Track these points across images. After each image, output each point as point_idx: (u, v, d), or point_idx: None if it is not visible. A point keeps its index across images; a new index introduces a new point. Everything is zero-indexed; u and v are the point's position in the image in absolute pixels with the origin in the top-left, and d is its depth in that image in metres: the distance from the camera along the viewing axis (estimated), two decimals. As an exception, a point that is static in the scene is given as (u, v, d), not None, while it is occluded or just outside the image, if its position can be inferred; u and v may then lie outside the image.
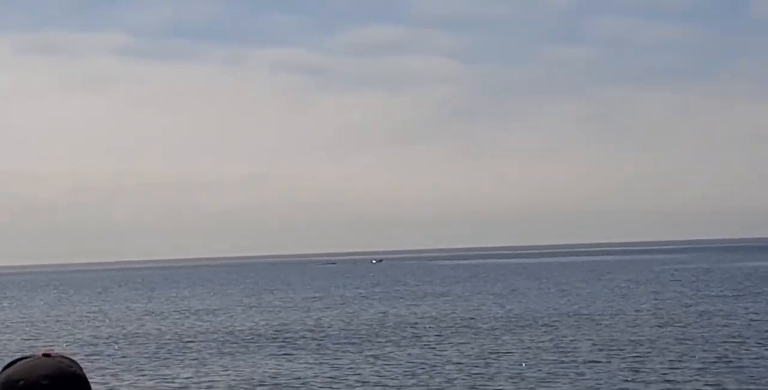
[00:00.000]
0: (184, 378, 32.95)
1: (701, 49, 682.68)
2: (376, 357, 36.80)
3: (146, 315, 66.89)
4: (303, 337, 45.89)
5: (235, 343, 44.16)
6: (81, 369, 3.65)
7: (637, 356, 34.74)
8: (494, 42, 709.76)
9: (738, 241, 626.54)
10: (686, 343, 38.05)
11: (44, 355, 3.56)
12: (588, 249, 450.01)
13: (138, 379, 33.42)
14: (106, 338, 49.23)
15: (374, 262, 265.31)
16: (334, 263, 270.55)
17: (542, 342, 39.96)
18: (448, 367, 33.38)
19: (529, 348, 38.00)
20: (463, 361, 34.79)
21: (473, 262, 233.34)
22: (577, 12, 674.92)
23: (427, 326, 49.21)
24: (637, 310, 54.89)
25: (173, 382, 32.52)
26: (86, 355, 41.25)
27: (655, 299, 63.81)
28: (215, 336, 49.30)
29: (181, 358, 39.14)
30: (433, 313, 57.55)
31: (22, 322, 64.12)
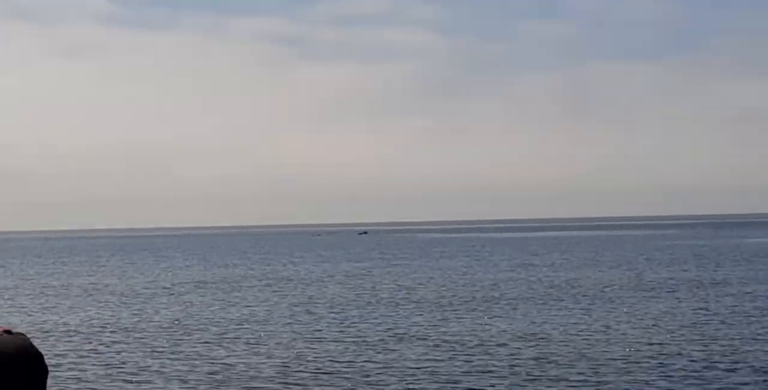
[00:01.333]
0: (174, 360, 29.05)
1: (681, 24, 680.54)
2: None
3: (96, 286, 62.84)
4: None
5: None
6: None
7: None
8: (474, 16, 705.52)
9: (721, 217, 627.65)
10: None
11: (5, 331, 3.24)
12: (569, 224, 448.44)
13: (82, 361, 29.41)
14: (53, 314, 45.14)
15: (359, 234, 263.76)
16: (319, 235, 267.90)
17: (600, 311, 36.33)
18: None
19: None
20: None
21: (463, 235, 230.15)
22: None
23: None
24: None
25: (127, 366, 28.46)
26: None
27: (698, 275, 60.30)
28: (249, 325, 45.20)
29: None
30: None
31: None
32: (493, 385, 24.23)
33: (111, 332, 37.03)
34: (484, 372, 26.30)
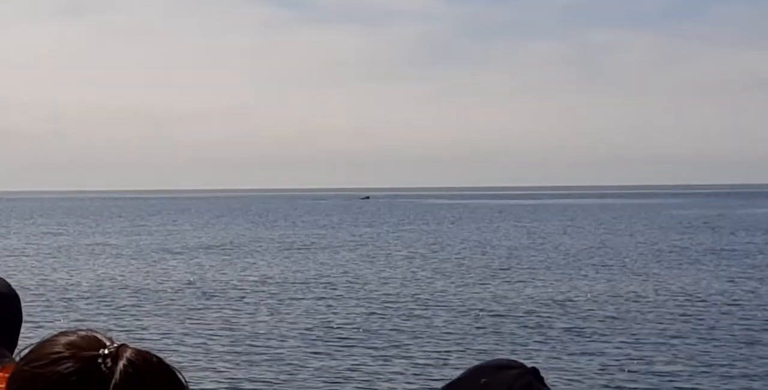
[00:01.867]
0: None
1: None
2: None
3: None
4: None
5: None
6: None
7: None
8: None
9: (723, 187, 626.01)
10: None
11: None
12: (570, 192, 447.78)
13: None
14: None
15: (362, 199, 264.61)
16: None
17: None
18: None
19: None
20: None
21: (465, 201, 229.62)
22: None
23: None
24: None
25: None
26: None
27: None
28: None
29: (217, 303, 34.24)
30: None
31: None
32: (527, 351, 23.30)
33: (128, 294, 36.08)
34: (511, 341, 25.39)
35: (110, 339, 2.35)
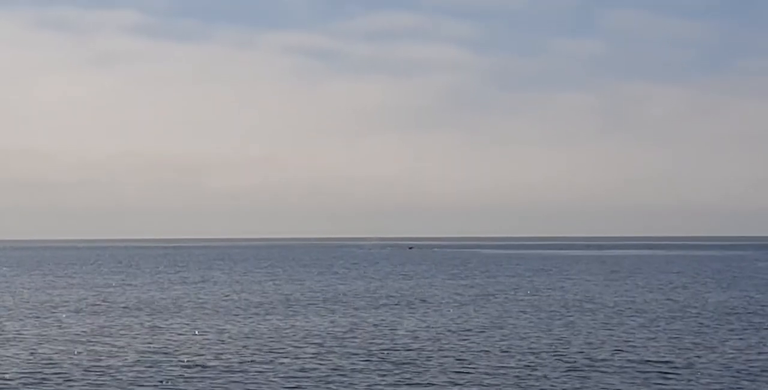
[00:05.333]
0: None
1: (712, 45, 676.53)
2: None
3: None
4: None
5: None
6: None
7: None
8: (504, 32, 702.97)
9: (754, 239, 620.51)
10: None
11: None
12: (613, 243, 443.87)
13: None
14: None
15: (409, 248, 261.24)
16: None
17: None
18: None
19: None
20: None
21: (516, 251, 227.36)
22: (588, 5, 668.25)
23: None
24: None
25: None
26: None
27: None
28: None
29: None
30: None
31: None
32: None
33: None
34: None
35: None
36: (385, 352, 34.18)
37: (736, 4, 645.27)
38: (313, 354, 33.83)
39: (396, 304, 56.38)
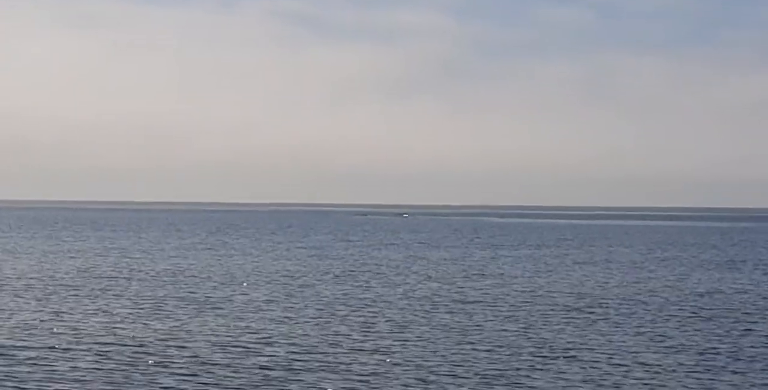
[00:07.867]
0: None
1: (697, 15, 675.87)
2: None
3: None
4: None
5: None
6: None
7: None
8: (489, 0, 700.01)
9: (736, 210, 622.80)
10: None
11: None
12: (592, 212, 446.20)
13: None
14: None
15: (404, 216, 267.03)
16: (365, 215, 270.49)
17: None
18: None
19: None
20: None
21: (515, 220, 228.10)
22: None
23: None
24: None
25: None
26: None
27: None
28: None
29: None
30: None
31: None
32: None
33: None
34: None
35: None
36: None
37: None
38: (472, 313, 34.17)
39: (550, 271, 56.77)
